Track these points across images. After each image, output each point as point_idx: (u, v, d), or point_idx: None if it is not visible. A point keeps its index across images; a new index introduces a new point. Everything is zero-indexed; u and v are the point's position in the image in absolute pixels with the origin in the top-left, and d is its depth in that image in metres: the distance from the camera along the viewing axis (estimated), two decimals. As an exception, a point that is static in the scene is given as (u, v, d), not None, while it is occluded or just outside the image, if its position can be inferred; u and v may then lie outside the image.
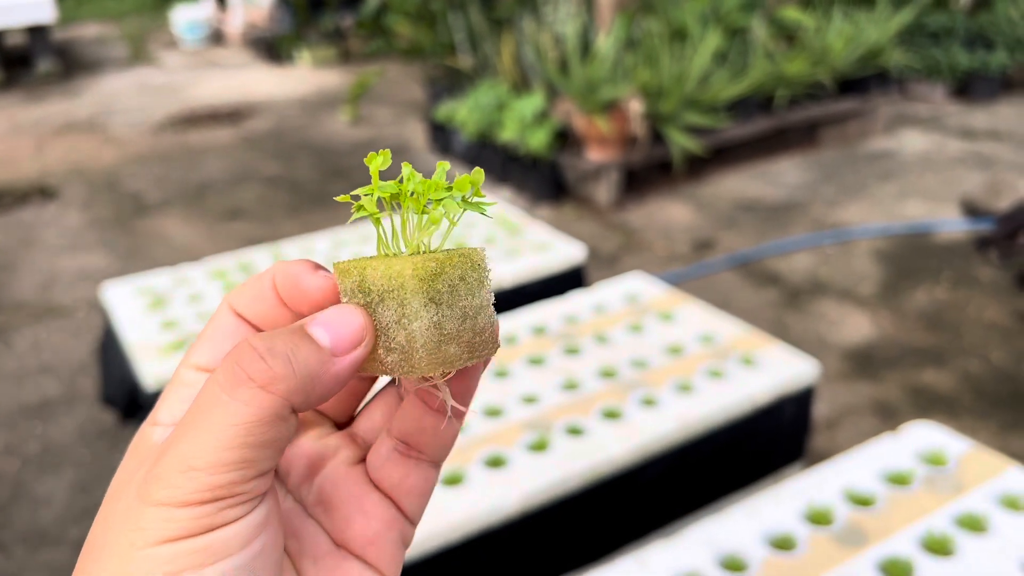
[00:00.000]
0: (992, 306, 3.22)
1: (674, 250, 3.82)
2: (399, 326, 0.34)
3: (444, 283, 0.35)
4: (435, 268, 0.34)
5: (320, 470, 0.40)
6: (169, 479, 0.31)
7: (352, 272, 0.36)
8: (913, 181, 4.56)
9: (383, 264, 0.35)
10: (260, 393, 0.31)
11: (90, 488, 2.41)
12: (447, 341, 0.35)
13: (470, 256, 0.36)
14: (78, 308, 3.48)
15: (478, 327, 0.36)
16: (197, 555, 0.30)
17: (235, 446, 0.31)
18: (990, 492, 1.38)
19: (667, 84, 4.38)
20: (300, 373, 0.32)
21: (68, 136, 6.09)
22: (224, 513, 0.31)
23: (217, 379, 0.32)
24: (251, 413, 0.31)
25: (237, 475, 0.31)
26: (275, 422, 0.31)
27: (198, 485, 0.30)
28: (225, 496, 0.31)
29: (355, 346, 0.34)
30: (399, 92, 7.01)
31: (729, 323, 2.04)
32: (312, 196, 4.70)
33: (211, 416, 0.31)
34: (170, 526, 0.30)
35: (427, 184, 0.37)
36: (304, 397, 0.32)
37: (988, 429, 2.51)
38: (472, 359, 0.36)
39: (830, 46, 5.08)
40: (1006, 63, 6.03)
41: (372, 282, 0.35)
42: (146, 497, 0.31)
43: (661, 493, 1.72)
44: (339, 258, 2.48)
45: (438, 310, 0.34)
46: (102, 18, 12.12)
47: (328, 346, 0.33)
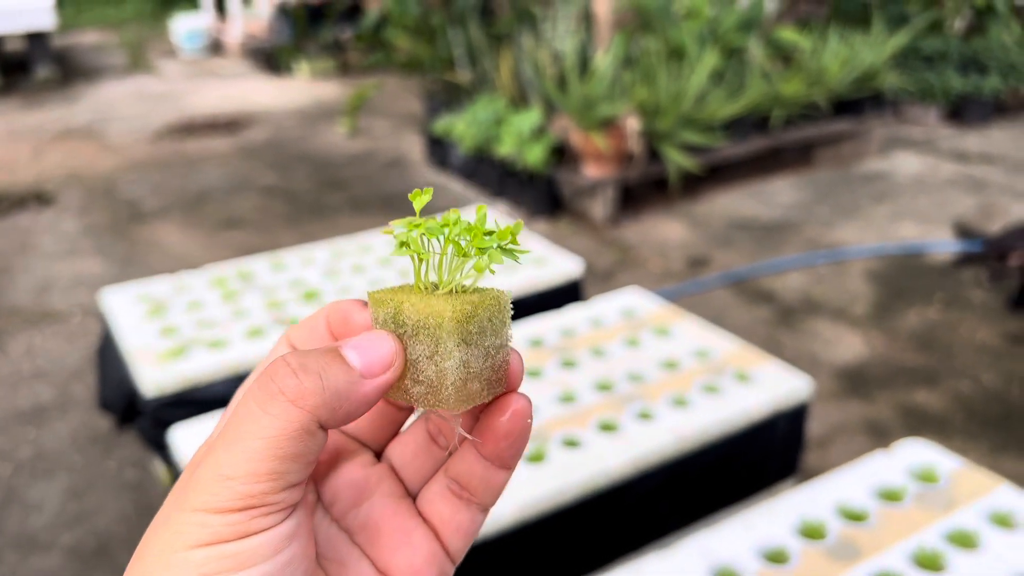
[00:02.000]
0: (983, 328, 3.25)
1: (669, 267, 3.84)
2: (430, 361, 0.36)
3: (475, 325, 0.36)
4: (470, 311, 0.36)
5: (366, 499, 0.41)
6: (206, 487, 0.33)
7: (387, 303, 0.38)
8: (906, 203, 4.60)
9: (421, 301, 0.37)
10: (290, 407, 0.33)
11: (82, 494, 2.41)
12: (471, 379, 0.36)
13: (498, 299, 0.38)
14: (73, 314, 3.48)
15: (496, 365, 0.37)
16: (229, 560, 0.32)
17: (267, 458, 0.32)
18: (981, 509, 1.39)
19: (664, 102, 4.42)
20: (329, 390, 0.34)
21: (66, 142, 6.10)
22: (256, 521, 0.33)
23: (253, 392, 0.34)
24: (281, 427, 0.33)
25: (268, 486, 0.33)
26: (303, 436, 0.33)
27: (232, 494, 0.32)
28: (257, 505, 0.33)
29: (384, 370, 0.36)
30: (397, 105, 7.04)
31: (724, 339, 2.06)
32: (309, 207, 4.71)
33: (245, 428, 0.33)
34: (205, 531, 0.32)
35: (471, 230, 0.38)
36: (331, 414, 0.34)
37: (979, 450, 2.53)
38: (489, 395, 0.37)
39: (826, 68, 5.13)
40: (999, 88, 6.10)
41: (407, 316, 0.37)
42: (184, 503, 0.33)
43: (656, 506, 1.74)
44: (340, 270, 2.49)
45: (467, 350, 0.36)
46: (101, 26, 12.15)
47: (358, 367, 0.35)
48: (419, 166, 5.39)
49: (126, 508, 2.36)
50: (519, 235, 0.39)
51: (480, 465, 0.39)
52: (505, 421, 0.38)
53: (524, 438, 0.39)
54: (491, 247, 0.38)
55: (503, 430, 0.38)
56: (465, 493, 0.40)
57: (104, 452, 2.59)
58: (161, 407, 1.94)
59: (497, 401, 0.38)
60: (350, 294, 2.33)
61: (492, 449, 0.38)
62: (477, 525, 0.41)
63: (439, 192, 4.90)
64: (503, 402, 0.38)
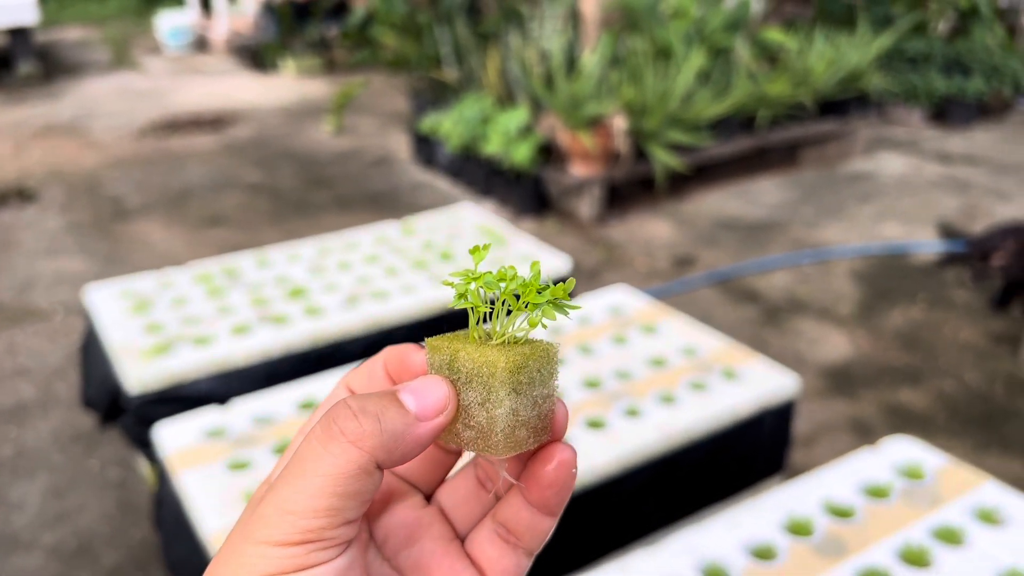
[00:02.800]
0: (967, 327, 3.27)
1: (655, 266, 3.85)
2: (482, 408, 0.38)
3: (525, 375, 0.38)
4: (521, 362, 0.38)
5: (417, 540, 0.43)
6: (268, 520, 0.35)
7: (443, 351, 0.40)
8: (891, 203, 4.63)
9: (476, 351, 0.39)
10: (350, 448, 0.35)
11: (64, 493, 2.38)
12: (519, 426, 0.38)
13: (547, 351, 0.39)
14: (55, 312, 3.45)
15: (542, 414, 0.39)
16: None
17: (326, 495, 0.34)
18: (966, 506, 1.40)
19: (651, 102, 4.42)
20: (387, 432, 0.36)
21: (48, 139, 6.04)
22: (313, 555, 0.35)
23: (316, 432, 0.36)
24: (341, 465, 0.35)
25: (326, 521, 0.34)
26: (361, 475, 0.35)
27: (293, 528, 0.34)
28: (315, 540, 0.34)
29: (438, 414, 0.38)
30: (383, 103, 7.02)
31: (711, 337, 2.06)
32: (294, 204, 4.69)
33: (307, 465, 0.35)
34: (266, 562, 0.34)
35: (524, 286, 0.40)
36: (388, 455, 0.36)
37: (962, 448, 2.55)
38: (535, 443, 0.39)
39: (811, 68, 5.16)
40: (982, 90, 6.15)
41: (462, 364, 0.39)
42: (248, 536, 0.35)
43: (643, 503, 1.74)
44: (326, 267, 2.48)
45: (517, 399, 0.38)
46: (84, 22, 12.05)
47: (414, 411, 0.37)
48: (405, 164, 5.37)
49: (108, 507, 2.33)
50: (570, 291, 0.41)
51: (527, 512, 0.41)
52: (551, 471, 0.40)
53: (569, 487, 0.40)
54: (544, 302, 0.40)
55: (548, 479, 0.40)
56: (512, 538, 0.42)
57: (86, 451, 2.57)
58: (145, 404, 1.93)
59: (543, 450, 0.40)
60: (336, 292, 2.32)
61: (538, 496, 0.40)
62: (522, 569, 0.43)
63: (426, 190, 4.88)
64: (549, 451, 0.40)
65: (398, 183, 5.04)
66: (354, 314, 2.20)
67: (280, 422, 1.74)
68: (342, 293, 2.31)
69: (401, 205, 4.62)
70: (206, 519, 1.45)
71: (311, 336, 2.11)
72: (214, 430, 1.71)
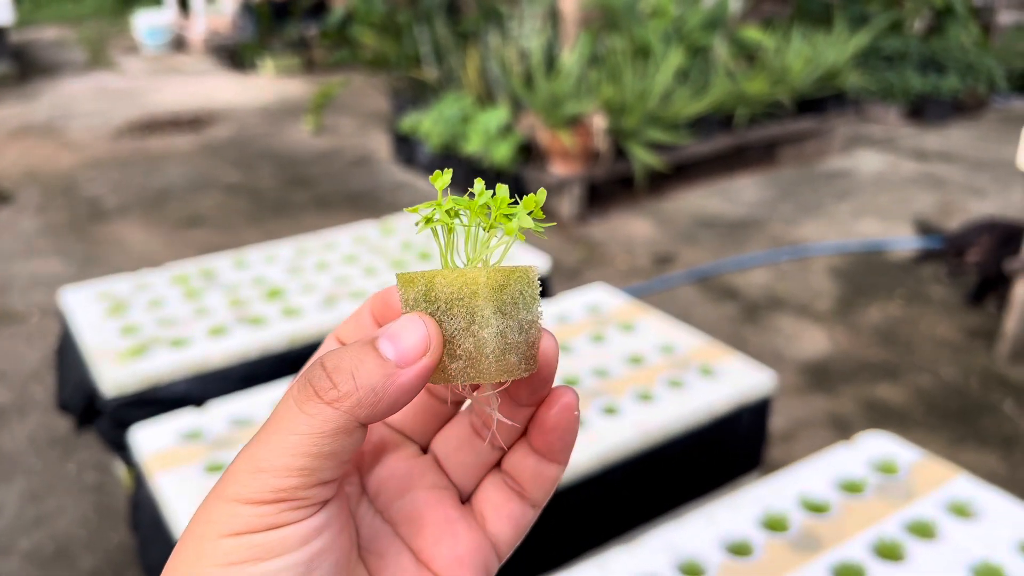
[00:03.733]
0: (943, 323, 3.30)
1: (635, 264, 3.86)
2: (467, 333, 0.36)
3: (509, 294, 0.36)
4: (502, 279, 0.36)
5: (409, 490, 0.41)
6: (240, 477, 0.33)
7: (418, 282, 0.37)
8: (868, 200, 4.67)
9: (453, 274, 0.36)
10: (326, 409, 0.33)
11: (41, 497, 2.36)
12: (509, 350, 0.36)
13: (526, 272, 0.37)
14: (31, 314, 3.41)
15: (530, 340, 0.37)
16: (256, 549, 0.33)
17: (300, 454, 0.33)
18: (939, 499, 1.41)
19: (630, 101, 4.44)
20: (364, 388, 0.34)
21: (23, 140, 5.98)
22: (284, 515, 0.33)
23: (292, 392, 0.34)
24: (316, 426, 0.33)
25: (300, 481, 0.33)
26: (338, 435, 0.34)
27: (263, 486, 0.33)
28: (287, 499, 0.33)
29: (420, 355, 0.35)
30: (363, 103, 7.00)
31: (689, 334, 2.07)
32: (273, 204, 4.67)
33: (282, 425, 0.34)
34: (235, 521, 0.33)
35: (495, 201, 0.38)
36: (370, 410, 0.34)
37: (938, 442, 2.57)
38: (526, 371, 0.37)
39: (789, 66, 5.19)
40: (957, 87, 6.21)
41: (439, 291, 0.36)
42: (220, 493, 0.34)
43: (621, 500, 1.74)
44: (303, 267, 2.47)
45: (504, 320, 0.36)
46: (60, 21, 11.94)
47: (393, 358, 0.35)
48: (386, 164, 5.36)
49: (86, 511, 2.31)
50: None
51: (532, 458, 0.40)
52: (553, 414, 0.39)
53: (572, 431, 0.39)
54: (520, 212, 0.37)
55: (551, 423, 0.39)
56: (517, 486, 0.41)
57: (63, 454, 2.54)
58: (121, 407, 1.91)
59: (547, 396, 0.39)
60: (314, 292, 2.31)
61: (542, 442, 0.39)
62: (528, 520, 0.41)
63: (406, 189, 4.87)
64: (551, 396, 0.39)
65: (378, 183, 5.03)
66: (332, 314, 2.19)
67: (257, 424, 1.73)
68: (320, 294, 2.30)
69: (381, 205, 4.60)
70: (183, 521, 1.44)
71: (289, 337, 2.10)
72: (191, 432, 1.70)
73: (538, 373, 0.38)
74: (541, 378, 0.38)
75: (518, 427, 0.40)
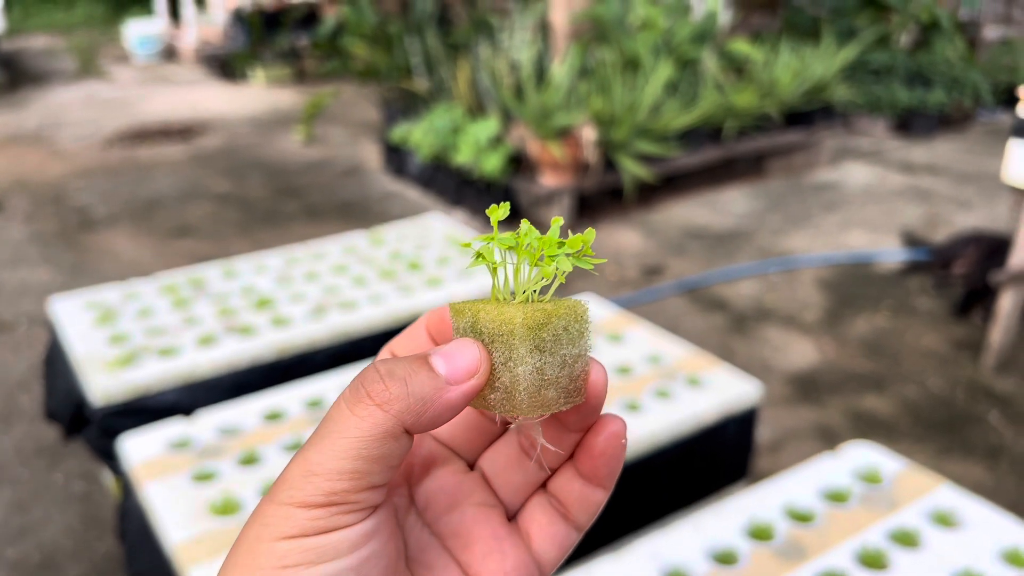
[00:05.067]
0: (930, 334, 3.33)
1: (624, 275, 3.88)
2: (505, 368, 0.37)
3: (549, 332, 0.37)
4: (542, 318, 0.37)
5: (457, 506, 0.42)
6: (293, 481, 0.34)
7: (466, 313, 0.39)
8: (855, 212, 4.70)
9: (496, 310, 0.38)
10: (376, 411, 0.34)
11: (27, 506, 2.35)
12: (546, 386, 0.37)
13: (574, 309, 0.39)
14: (19, 323, 3.40)
15: (574, 374, 0.38)
16: (310, 553, 0.34)
17: (350, 457, 0.34)
18: (923, 509, 1.43)
19: (619, 113, 4.46)
20: (413, 396, 0.35)
21: (12, 148, 5.97)
22: (336, 519, 0.34)
23: (344, 395, 0.36)
24: (367, 428, 0.34)
25: (350, 484, 0.34)
26: (387, 439, 0.35)
27: (316, 489, 0.34)
28: (339, 502, 0.34)
29: (469, 376, 0.37)
30: (354, 113, 7.01)
31: (676, 345, 2.08)
32: (263, 214, 4.67)
33: (333, 427, 0.35)
34: (289, 524, 0.34)
35: (543, 240, 0.39)
36: (416, 418, 0.35)
37: (925, 452, 2.59)
38: (566, 404, 0.38)
39: (777, 79, 5.23)
40: (943, 101, 6.27)
41: (484, 325, 0.38)
42: (273, 497, 0.35)
43: (608, 509, 1.75)
44: (293, 277, 2.47)
45: (541, 356, 0.37)
46: (51, 30, 11.92)
47: (444, 374, 0.36)
48: (376, 174, 5.37)
49: (72, 521, 2.31)
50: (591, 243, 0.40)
51: (578, 483, 0.41)
52: (601, 441, 0.40)
53: (618, 458, 0.40)
54: (561, 255, 0.39)
55: (598, 449, 0.40)
56: (563, 509, 0.42)
57: (50, 464, 2.53)
58: (110, 416, 1.91)
59: (595, 424, 0.40)
60: (303, 302, 2.32)
61: (588, 467, 0.40)
62: (571, 542, 0.42)
63: (396, 200, 4.88)
64: (598, 424, 0.40)
65: (368, 193, 5.04)
66: (321, 324, 2.19)
67: (246, 433, 1.73)
68: (309, 303, 2.31)
69: (371, 215, 4.61)
70: (171, 531, 1.44)
71: (278, 347, 2.11)
72: (179, 441, 1.70)
73: (586, 403, 0.39)
74: (589, 407, 0.39)
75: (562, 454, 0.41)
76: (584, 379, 0.39)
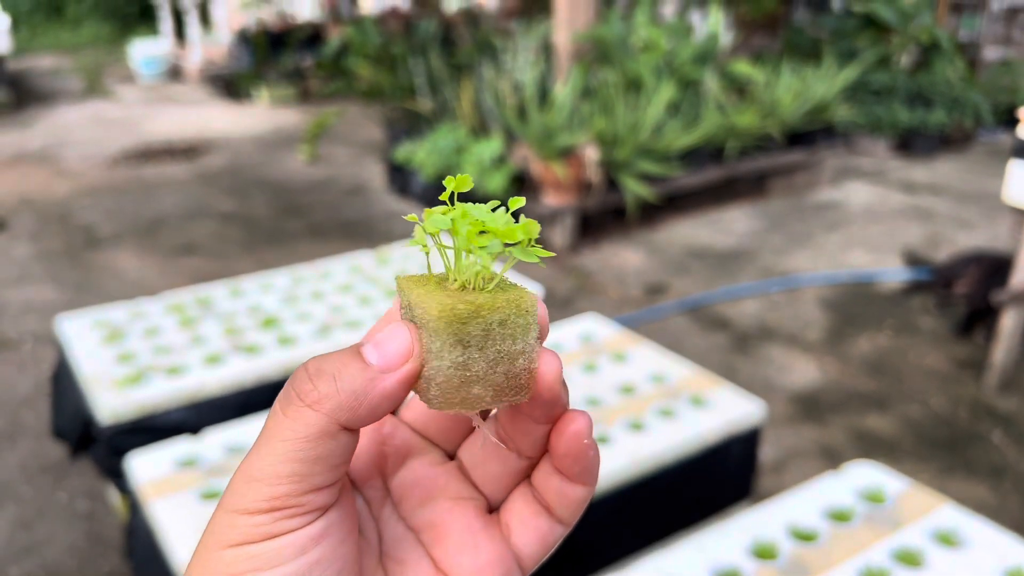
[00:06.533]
0: (932, 353, 3.33)
1: (627, 294, 3.89)
2: (430, 356, 0.35)
3: (477, 326, 0.34)
4: (466, 312, 0.34)
5: (433, 498, 0.41)
6: (236, 489, 0.34)
7: (405, 292, 0.37)
8: (857, 231, 4.72)
9: (426, 295, 0.35)
10: (307, 411, 0.33)
11: (31, 525, 2.36)
12: (471, 383, 0.35)
13: (518, 301, 0.35)
14: (24, 341, 3.42)
15: (512, 371, 0.35)
16: (255, 560, 0.33)
17: (288, 460, 0.33)
18: (926, 528, 1.44)
19: (622, 133, 4.50)
20: (345, 392, 0.34)
21: (18, 167, 6.01)
22: (280, 524, 0.33)
23: (279, 399, 0.35)
24: (299, 430, 0.33)
25: (291, 487, 0.33)
26: (323, 438, 0.34)
27: (257, 495, 0.33)
28: (281, 507, 0.33)
29: (403, 362, 0.35)
30: (358, 133, 7.06)
31: (680, 364, 2.09)
32: (267, 233, 4.70)
33: (271, 433, 0.34)
34: (234, 532, 0.33)
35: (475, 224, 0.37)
36: (351, 414, 0.34)
37: (928, 472, 2.59)
38: (498, 402, 0.35)
39: (779, 100, 5.27)
40: (944, 121, 6.31)
41: (415, 308, 0.36)
42: (221, 505, 0.34)
43: (612, 529, 1.76)
44: (299, 296, 2.49)
45: (465, 352, 0.34)
46: (57, 50, 12.02)
47: (376, 364, 0.35)
48: (380, 193, 5.40)
49: (77, 539, 2.31)
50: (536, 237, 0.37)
51: (556, 478, 0.39)
52: (563, 442, 0.38)
53: (586, 456, 0.38)
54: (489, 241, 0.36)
55: (562, 450, 0.38)
56: (545, 502, 0.40)
57: (55, 482, 2.54)
58: (117, 434, 1.92)
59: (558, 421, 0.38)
60: (309, 321, 2.33)
61: (559, 464, 0.38)
62: (555, 536, 0.40)
63: (400, 219, 4.91)
64: (560, 423, 0.38)
65: (372, 212, 5.06)
66: (327, 343, 2.21)
67: (252, 451, 1.74)
68: (315, 323, 2.32)
69: (375, 234, 4.64)
70: (178, 549, 1.45)
71: (284, 366, 2.12)
72: (186, 460, 1.71)
73: (539, 397, 0.36)
74: (545, 400, 0.37)
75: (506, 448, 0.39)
76: (529, 376, 0.36)
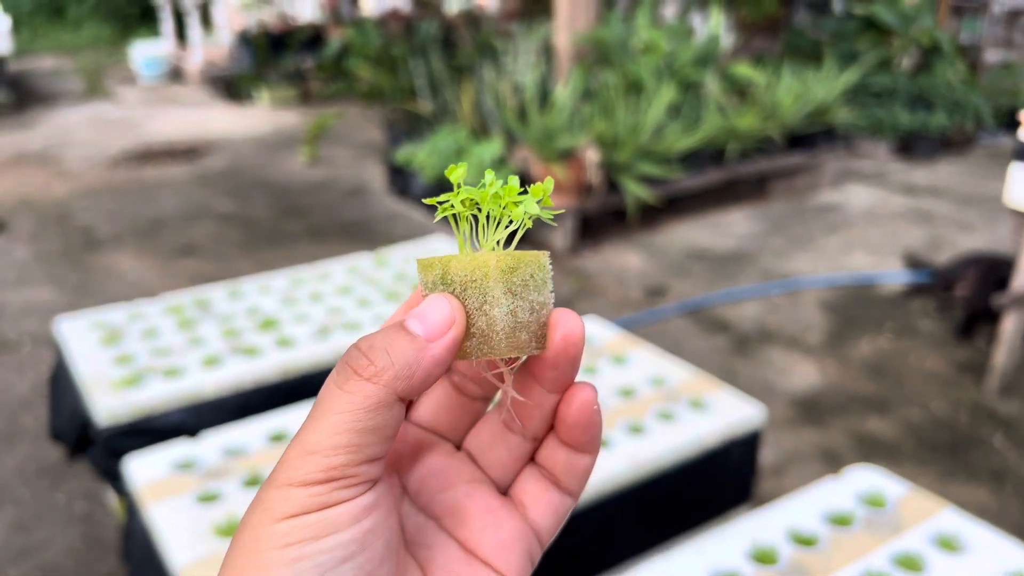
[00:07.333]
0: (932, 356, 3.33)
1: (627, 296, 3.89)
2: (480, 312, 0.39)
3: (519, 277, 0.39)
4: (512, 262, 0.39)
5: (451, 485, 0.43)
6: (291, 462, 0.35)
7: (435, 266, 0.40)
8: (858, 234, 4.72)
9: (467, 258, 0.39)
10: (366, 384, 0.36)
11: (29, 527, 2.35)
12: (519, 328, 0.39)
13: (537, 257, 0.40)
14: (23, 343, 3.41)
15: (541, 320, 0.39)
16: (311, 528, 0.35)
17: (345, 431, 0.35)
18: (926, 533, 1.43)
19: (622, 135, 4.49)
20: (398, 362, 0.36)
21: (18, 168, 6.01)
22: (336, 494, 0.35)
23: (332, 376, 0.37)
24: (358, 401, 0.35)
25: (348, 458, 0.35)
26: (380, 409, 0.36)
27: (314, 467, 0.35)
28: (338, 477, 0.35)
29: (447, 329, 0.38)
30: (358, 134, 7.05)
31: (679, 367, 2.09)
32: (267, 234, 4.69)
33: (325, 407, 0.36)
34: (289, 504, 0.35)
35: (506, 189, 0.41)
36: (407, 383, 0.36)
37: (928, 475, 2.58)
38: (536, 349, 0.39)
39: (780, 102, 5.26)
40: (945, 124, 6.30)
41: (455, 274, 0.39)
42: (272, 481, 0.36)
43: (612, 532, 1.75)
44: (298, 298, 2.48)
45: (514, 300, 0.39)
46: (58, 51, 12.02)
47: (421, 334, 0.37)
48: (380, 195, 5.40)
49: (74, 541, 2.30)
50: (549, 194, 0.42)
51: (563, 451, 0.42)
52: (574, 411, 0.40)
53: (594, 423, 0.41)
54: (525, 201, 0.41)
55: (572, 419, 0.40)
56: (553, 477, 0.43)
57: (53, 484, 2.53)
58: (115, 436, 1.91)
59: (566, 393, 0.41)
60: (307, 323, 2.32)
61: (568, 436, 0.41)
62: (566, 507, 0.43)
63: (400, 221, 4.90)
64: (569, 393, 0.41)
65: (372, 213, 5.06)
66: (326, 345, 2.20)
67: (251, 454, 1.74)
68: (313, 324, 2.31)
69: (375, 235, 4.63)
70: (175, 552, 1.44)
71: (282, 368, 2.11)
72: (184, 462, 1.70)
73: (564, 353, 0.39)
74: (569, 356, 0.39)
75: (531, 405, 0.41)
76: (547, 327, 0.39)
